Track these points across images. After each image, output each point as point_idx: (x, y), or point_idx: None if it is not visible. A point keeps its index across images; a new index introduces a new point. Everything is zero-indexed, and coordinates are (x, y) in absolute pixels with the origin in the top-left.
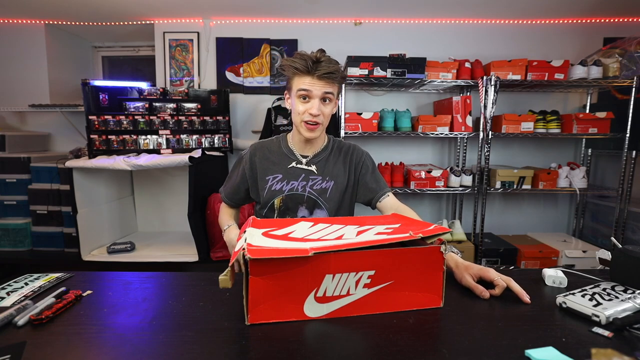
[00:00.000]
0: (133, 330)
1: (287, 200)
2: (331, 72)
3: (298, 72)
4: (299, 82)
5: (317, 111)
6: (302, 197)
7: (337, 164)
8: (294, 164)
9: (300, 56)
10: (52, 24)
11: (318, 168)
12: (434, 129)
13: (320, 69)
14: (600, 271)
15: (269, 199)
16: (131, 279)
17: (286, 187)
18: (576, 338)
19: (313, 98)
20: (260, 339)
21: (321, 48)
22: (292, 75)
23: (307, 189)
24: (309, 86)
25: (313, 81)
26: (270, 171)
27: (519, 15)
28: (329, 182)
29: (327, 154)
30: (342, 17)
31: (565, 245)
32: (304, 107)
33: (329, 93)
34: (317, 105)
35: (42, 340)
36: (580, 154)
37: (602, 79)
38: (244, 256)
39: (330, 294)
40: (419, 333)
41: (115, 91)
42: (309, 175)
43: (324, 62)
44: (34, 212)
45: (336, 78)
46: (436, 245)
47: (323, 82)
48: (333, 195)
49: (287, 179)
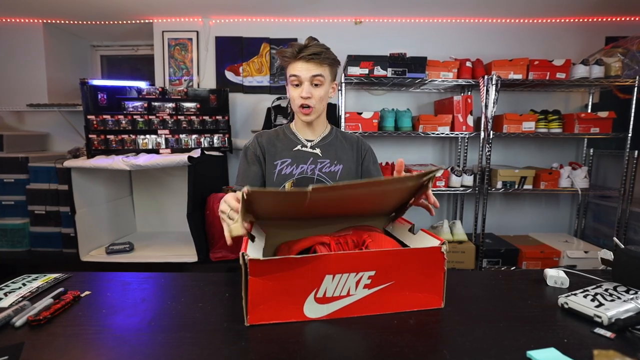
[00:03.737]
0: (132, 331)
1: (298, 183)
2: (315, 53)
3: (286, 59)
4: (290, 69)
5: (306, 94)
6: (312, 180)
7: (344, 149)
8: (299, 147)
9: (290, 45)
10: (50, 23)
11: (323, 151)
12: (435, 129)
13: (306, 51)
14: (602, 272)
15: (280, 183)
16: (130, 280)
17: (296, 170)
18: (578, 339)
19: (303, 82)
20: (259, 340)
21: (311, 36)
22: (286, 64)
23: (316, 171)
24: (297, 71)
25: (301, 65)
26: (278, 156)
27: (520, 14)
28: (337, 166)
29: (331, 139)
30: (342, 16)
31: (567, 245)
32: (297, 93)
33: (317, 75)
34: (307, 88)
35: (40, 342)
36: (582, 154)
37: (604, 79)
38: (244, 256)
39: (331, 295)
40: (420, 334)
41: (113, 91)
42: (317, 158)
43: (312, 46)
44: (32, 212)
45: (324, 59)
46: (437, 246)
47: (310, 64)
48: (343, 178)
49: (296, 163)
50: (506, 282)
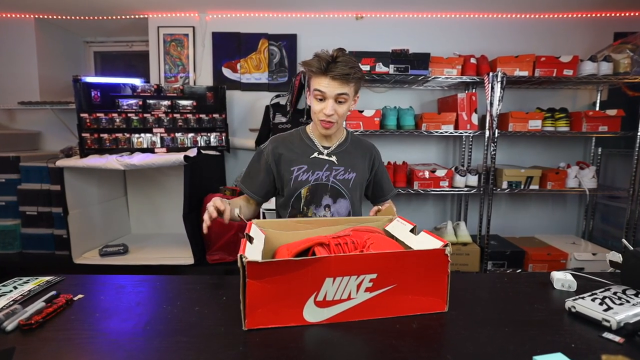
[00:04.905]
0: (126, 335)
1: (313, 189)
2: (346, 74)
3: (313, 73)
4: (314, 82)
5: (330, 111)
6: (326, 187)
7: (357, 157)
8: (316, 154)
9: (317, 56)
10: (42, 18)
11: (339, 159)
12: (438, 127)
13: (335, 70)
14: (611, 274)
15: (296, 189)
16: (124, 283)
17: (312, 177)
18: (586, 344)
19: (327, 98)
20: (257, 345)
21: (340, 47)
22: (310, 75)
23: (330, 178)
24: (323, 87)
25: (327, 82)
26: (295, 162)
27: (527, 10)
28: (351, 173)
29: (347, 147)
30: (343, 11)
31: (575, 247)
32: (319, 107)
33: (342, 94)
34: (331, 105)
35: (31, 346)
36: (589, 153)
37: (612, 75)
38: (242, 258)
39: (331, 298)
40: (423, 338)
41: (107, 88)
42: (332, 165)
43: (340, 63)
44: (24, 213)
45: (351, 79)
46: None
47: (337, 82)
48: (355, 185)
49: (312, 170)
50: (512, 285)
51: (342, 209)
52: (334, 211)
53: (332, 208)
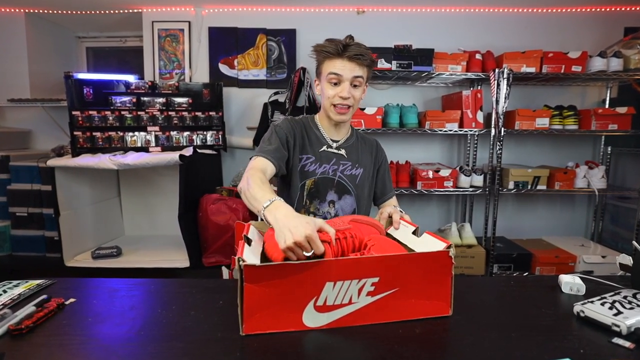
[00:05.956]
0: (119, 340)
1: (319, 182)
2: (361, 54)
3: (329, 55)
4: (329, 65)
5: (347, 94)
6: (332, 181)
7: (365, 153)
8: (325, 148)
9: (331, 40)
10: (32, 12)
11: (347, 153)
12: (442, 126)
13: (350, 51)
14: (621, 277)
15: (302, 179)
16: (117, 286)
17: (319, 169)
18: (595, 349)
19: (343, 81)
20: (255, 351)
21: (350, 34)
22: (323, 60)
23: (337, 173)
24: (339, 70)
25: (343, 63)
26: (305, 151)
27: (534, 4)
28: (359, 169)
29: (354, 141)
30: (343, 5)
31: (583, 250)
32: (334, 91)
33: (358, 77)
34: (348, 88)
35: (21, 352)
36: (599, 152)
37: (622, 72)
38: (239, 261)
39: (331, 303)
40: (426, 344)
41: (100, 85)
42: (340, 159)
43: (354, 46)
44: (14, 214)
45: (366, 60)
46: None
47: (353, 64)
48: (362, 182)
49: (319, 162)
50: (518, 288)
51: (347, 206)
52: (338, 208)
53: (336, 204)
